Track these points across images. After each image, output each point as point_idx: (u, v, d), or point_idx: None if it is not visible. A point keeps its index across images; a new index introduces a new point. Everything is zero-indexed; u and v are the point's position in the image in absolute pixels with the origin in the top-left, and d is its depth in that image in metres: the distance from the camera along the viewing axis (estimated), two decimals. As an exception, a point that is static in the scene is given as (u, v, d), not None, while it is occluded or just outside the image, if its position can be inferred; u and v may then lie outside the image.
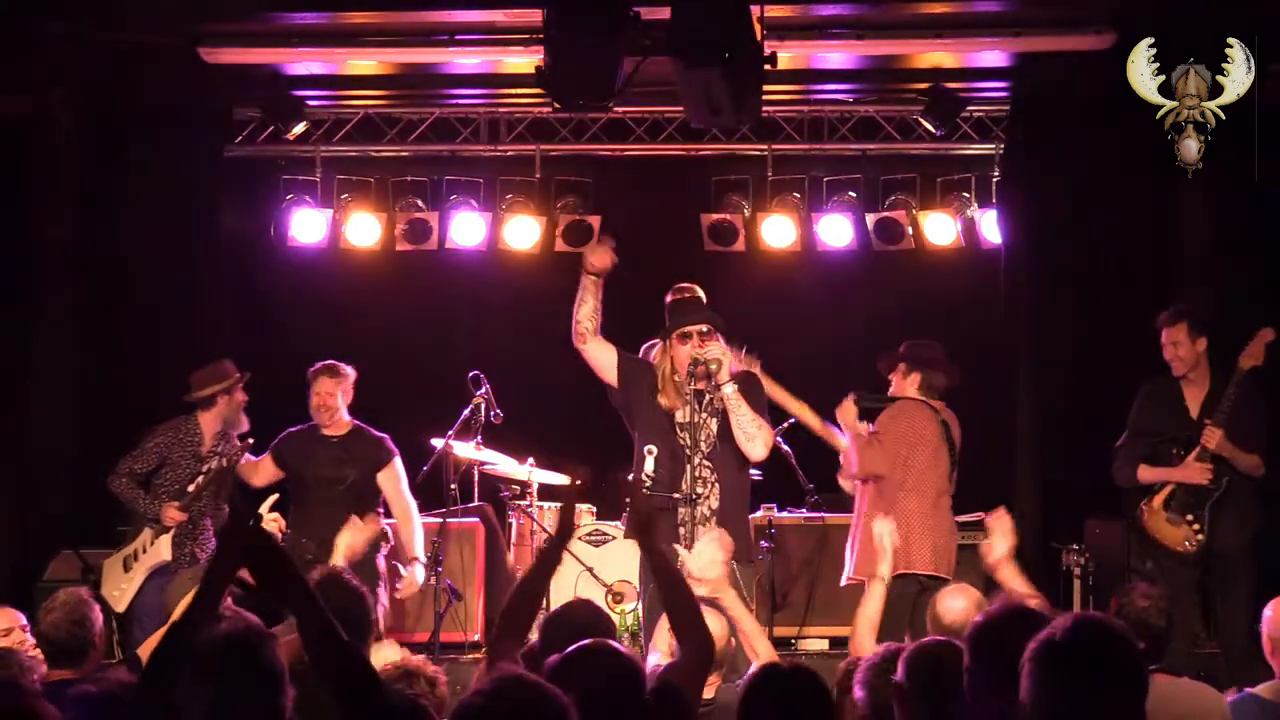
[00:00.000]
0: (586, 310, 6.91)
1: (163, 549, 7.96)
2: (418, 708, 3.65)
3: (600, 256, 6.86)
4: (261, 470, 8.29)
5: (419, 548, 8.15)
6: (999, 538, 5.58)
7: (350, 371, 8.25)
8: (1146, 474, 7.60)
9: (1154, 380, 7.72)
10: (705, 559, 5.44)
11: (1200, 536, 7.43)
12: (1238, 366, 7.44)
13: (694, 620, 4.32)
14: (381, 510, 8.11)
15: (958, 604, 5.20)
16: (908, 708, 3.94)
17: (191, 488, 8.01)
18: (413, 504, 8.25)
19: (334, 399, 8.16)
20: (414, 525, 8.18)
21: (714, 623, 4.71)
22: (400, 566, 8.14)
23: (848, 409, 7.40)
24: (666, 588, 4.44)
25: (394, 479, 8.21)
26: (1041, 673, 3.07)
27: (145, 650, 4.94)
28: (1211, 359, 7.58)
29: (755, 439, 6.89)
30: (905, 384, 7.54)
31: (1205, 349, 7.56)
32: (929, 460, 7.32)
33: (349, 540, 6.05)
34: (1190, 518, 7.46)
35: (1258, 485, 7.54)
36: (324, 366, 8.21)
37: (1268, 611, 5.47)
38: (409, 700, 3.73)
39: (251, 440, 8.15)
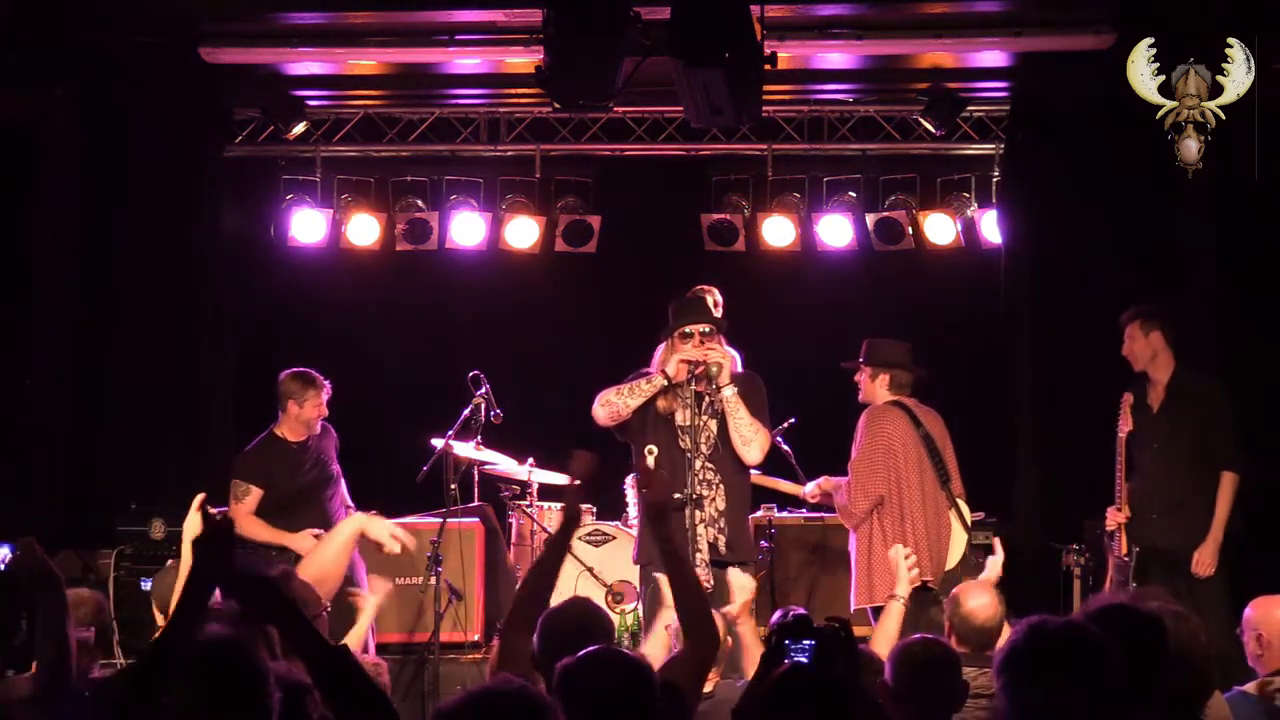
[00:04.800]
0: (636, 404, 6.94)
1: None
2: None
3: (680, 371, 6.87)
4: (251, 506, 7.91)
5: None
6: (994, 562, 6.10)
7: None
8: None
9: (1131, 383, 7.82)
10: None
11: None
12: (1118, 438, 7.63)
13: (702, 616, 4.30)
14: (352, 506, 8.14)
15: (984, 600, 5.21)
16: (896, 707, 3.94)
17: None
18: None
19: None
20: None
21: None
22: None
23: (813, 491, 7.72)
24: (677, 581, 4.42)
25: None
26: (1007, 683, 3.08)
27: None
28: (1175, 350, 7.69)
29: (752, 443, 6.90)
30: (874, 386, 7.45)
31: (1161, 339, 7.68)
32: (904, 463, 7.29)
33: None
34: None
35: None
36: (320, 378, 8.10)
37: (1250, 611, 5.48)
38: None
39: None
